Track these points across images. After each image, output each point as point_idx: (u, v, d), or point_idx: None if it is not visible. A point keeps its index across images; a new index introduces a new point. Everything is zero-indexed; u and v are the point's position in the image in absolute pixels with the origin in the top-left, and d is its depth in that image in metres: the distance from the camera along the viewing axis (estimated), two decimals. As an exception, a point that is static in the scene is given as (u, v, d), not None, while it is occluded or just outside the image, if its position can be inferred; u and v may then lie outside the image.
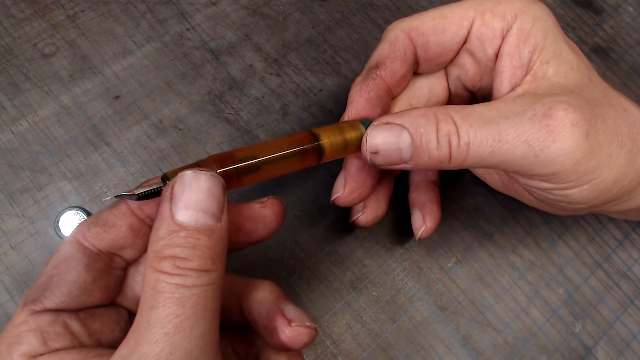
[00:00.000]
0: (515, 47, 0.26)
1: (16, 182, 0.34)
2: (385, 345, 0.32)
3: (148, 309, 0.19)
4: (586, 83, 0.26)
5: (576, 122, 0.23)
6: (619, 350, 0.33)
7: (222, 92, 0.37)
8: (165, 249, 0.19)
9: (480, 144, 0.23)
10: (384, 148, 0.24)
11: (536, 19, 0.26)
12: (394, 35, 0.28)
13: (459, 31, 0.28)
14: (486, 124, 0.23)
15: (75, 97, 0.36)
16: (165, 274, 0.19)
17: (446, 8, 0.28)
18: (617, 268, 0.35)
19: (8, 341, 0.21)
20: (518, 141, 0.23)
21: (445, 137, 0.23)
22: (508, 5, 0.27)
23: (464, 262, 0.34)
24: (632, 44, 0.42)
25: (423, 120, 0.24)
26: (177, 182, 0.20)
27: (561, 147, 0.23)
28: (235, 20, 0.40)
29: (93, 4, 0.39)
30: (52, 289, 0.22)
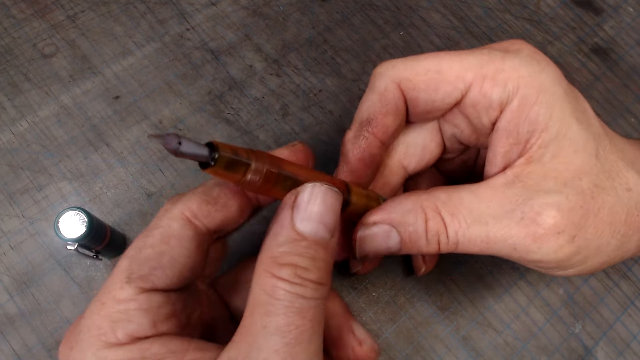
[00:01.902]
0: (513, 124, 0.24)
1: (16, 182, 0.34)
2: (385, 346, 0.32)
3: (263, 314, 0.19)
4: (589, 165, 0.24)
5: (563, 230, 0.23)
6: (619, 351, 0.33)
7: (222, 93, 0.37)
8: (285, 256, 0.19)
9: (468, 244, 0.23)
10: (372, 251, 0.25)
11: (542, 92, 0.23)
12: (383, 85, 0.26)
13: (452, 93, 0.25)
14: (475, 223, 0.23)
15: (75, 97, 0.36)
16: (285, 282, 0.19)
17: (444, 60, 0.25)
18: (617, 268, 0.35)
19: (111, 317, 0.20)
20: (505, 244, 0.23)
21: (435, 237, 0.24)
22: (512, 73, 0.24)
23: (464, 263, 0.34)
24: (632, 44, 0.42)
25: (411, 218, 0.24)
26: (302, 192, 0.21)
27: (545, 253, 0.23)
28: (235, 20, 0.40)
29: (93, 4, 0.39)
30: (165, 268, 0.21)
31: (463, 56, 0.24)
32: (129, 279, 0.20)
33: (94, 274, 0.32)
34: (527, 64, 0.24)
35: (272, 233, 0.20)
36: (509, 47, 0.25)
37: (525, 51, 0.25)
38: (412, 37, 0.40)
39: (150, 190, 0.34)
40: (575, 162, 0.23)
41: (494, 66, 0.24)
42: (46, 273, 0.32)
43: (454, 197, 0.24)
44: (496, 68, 0.24)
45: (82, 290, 0.32)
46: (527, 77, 0.24)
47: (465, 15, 0.42)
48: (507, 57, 0.24)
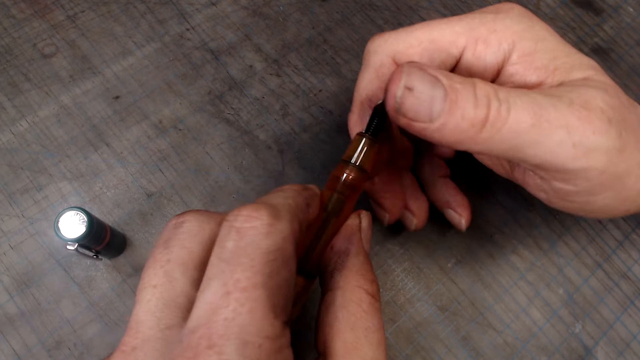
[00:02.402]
0: (519, 75, 0.23)
1: (16, 182, 0.34)
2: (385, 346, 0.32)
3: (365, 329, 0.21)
4: (610, 85, 0.23)
5: (612, 120, 0.22)
6: (619, 351, 0.33)
7: (222, 93, 0.37)
8: (369, 273, 0.22)
9: (521, 112, 0.20)
10: (419, 89, 0.20)
11: (539, 41, 0.23)
12: (379, 61, 0.25)
13: (447, 60, 0.24)
14: (524, 95, 0.21)
15: (75, 97, 0.36)
16: (375, 299, 0.22)
17: (435, 28, 0.24)
18: (617, 268, 0.35)
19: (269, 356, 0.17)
20: (558, 124, 0.21)
21: (485, 96, 0.20)
22: (505, 32, 0.24)
23: (463, 263, 0.34)
24: (632, 44, 0.42)
25: (458, 78, 0.21)
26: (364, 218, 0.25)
27: (600, 140, 0.21)
28: (235, 20, 0.40)
29: (93, 5, 0.39)
30: (289, 301, 0.19)
31: (454, 22, 0.24)
32: (276, 314, 0.17)
33: (94, 274, 0.32)
34: (518, 21, 0.24)
35: (353, 252, 0.23)
36: (500, 8, 0.25)
37: (516, 10, 0.25)
38: (412, 37, 0.40)
39: (150, 190, 0.34)
40: (600, 78, 0.23)
41: (485, 28, 0.24)
42: (46, 273, 0.32)
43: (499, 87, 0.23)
44: (487, 29, 0.24)
45: (82, 290, 0.32)
46: (522, 32, 0.23)
47: (465, 15, 0.42)
48: (499, 17, 0.24)
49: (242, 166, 0.35)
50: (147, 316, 0.18)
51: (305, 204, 0.21)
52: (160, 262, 0.19)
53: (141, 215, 0.34)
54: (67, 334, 0.31)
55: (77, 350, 0.31)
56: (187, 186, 0.35)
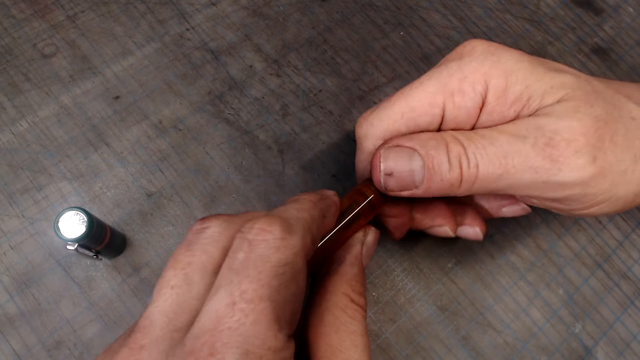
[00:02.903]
0: (497, 113, 0.24)
1: (16, 182, 0.34)
2: (385, 346, 0.32)
3: (350, 333, 0.22)
4: (594, 97, 0.24)
5: (580, 149, 0.22)
6: (619, 351, 0.33)
7: (222, 93, 0.37)
8: (358, 285, 0.23)
9: (488, 166, 0.23)
10: (398, 169, 0.24)
11: (509, 75, 0.24)
12: (370, 145, 0.26)
13: (432, 121, 0.25)
14: (491, 145, 0.23)
15: (75, 97, 0.36)
16: (361, 308, 0.23)
17: (410, 96, 0.25)
18: (617, 268, 0.35)
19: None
20: (524, 167, 0.23)
21: (456, 158, 0.23)
22: (474, 75, 0.24)
23: (463, 263, 0.34)
24: (632, 44, 0.42)
25: (433, 142, 0.24)
26: (370, 234, 0.25)
27: (568, 175, 0.23)
28: (235, 20, 0.40)
29: (93, 5, 0.39)
30: (296, 314, 0.19)
31: (425, 84, 0.25)
32: (280, 327, 0.17)
33: (94, 274, 0.32)
34: (483, 60, 0.24)
35: (348, 262, 0.24)
36: (462, 51, 0.26)
37: (478, 49, 0.25)
38: (412, 37, 0.40)
39: (150, 190, 0.34)
40: (580, 95, 0.23)
41: (455, 78, 0.24)
42: (46, 273, 0.32)
43: (468, 132, 0.25)
44: (458, 79, 0.24)
45: (82, 290, 0.32)
46: (490, 70, 0.24)
47: (465, 15, 0.42)
48: (464, 62, 0.24)
49: (242, 166, 0.35)
50: (160, 316, 0.18)
51: (321, 216, 0.22)
52: (182, 264, 0.19)
53: (141, 215, 0.34)
54: (67, 334, 0.31)
55: (77, 350, 0.31)
56: (187, 186, 0.35)
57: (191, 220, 0.34)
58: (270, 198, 0.35)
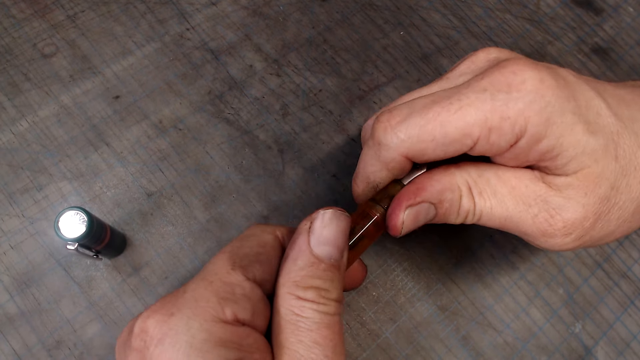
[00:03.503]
0: (522, 157, 0.24)
1: (16, 182, 0.34)
2: (385, 346, 0.32)
3: (295, 330, 0.21)
4: (609, 170, 0.24)
5: (571, 233, 0.25)
6: (619, 351, 0.33)
7: (222, 92, 0.37)
8: (307, 279, 0.22)
9: (488, 220, 0.26)
10: (414, 225, 0.26)
11: (549, 126, 0.23)
12: (390, 157, 0.25)
13: (460, 149, 0.24)
14: (497, 206, 0.25)
15: (75, 97, 0.36)
16: (312, 302, 0.22)
17: (448, 121, 0.23)
18: (617, 268, 0.35)
19: (219, 294, 0.21)
20: (518, 229, 0.26)
21: (465, 213, 0.26)
22: (518, 118, 0.23)
23: (463, 263, 0.34)
24: (632, 44, 0.42)
25: (449, 196, 0.25)
26: (316, 218, 0.23)
27: (550, 246, 0.26)
28: (235, 20, 0.40)
29: (93, 4, 0.39)
30: (262, 264, 0.23)
31: (465, 110, 0.23)
32: (233, 266, 0.22)
33: (94, 273, 0.32)
34: (531, 102, 0.23)
35: (291, 257, 0.23)
36: (512, 81, 0.23)
37: (528, 85, 0.23)
38: (412, 37, 0.40)
39: (150, 190, 0.34)
40: (597, 170, 0.24)
41: (498, 115, 0.23)
42: (46, 273, 0.32)
43: (483, 176, 0.26)
44: (501, 117, 0.23)
45: (82, 290, 0.32)
46: (534, 116, 0.23)
47: (465, 15, 0.42)
48: (511, 100, 0.23)
49: (242, 166, 0.35)
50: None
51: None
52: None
53: (141, 215, 0.34)
54: (67, 333, 0.31)
55: (77, 350, 0.31)
56: (187, 186, 0.35)
57: (191, 220, 0.34)
58: (270, 198, 0.35)
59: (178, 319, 0.20)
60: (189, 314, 0.20)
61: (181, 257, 0.33)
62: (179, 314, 0.20)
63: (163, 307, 0.21)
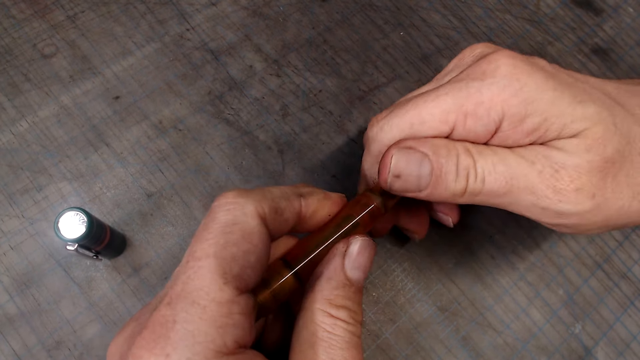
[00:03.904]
0: (511, 140, 0.24)
1: (16, 182, 0.34)
2: (385, 346, 0.32)
3: (327, 347, 0.21)
4: (611, 133, 0.24)
5: (581, 187, 0.23)
6: (619, 351, 0.33)
7: (222, 93, 0.37)
8: (339, 299, 0.22)
9: (494, 183, 0.24)
10: (406, 172, 0.24)
11: (529, 104, 0.23)
12: (377, 148, 0.27)
13: (439, 136, 0.25)
14: (501, 163, 0.24)
15: (75, 97, 0.36)
16: (343, 322, 0.22)
17: (424, 108, 0.25)
18: (617, 269, 0.35)
19: (217, 322, 0.19)
20: (527, 191, 0.24)
21: (464, 170, 0.24)
22: (493, 101, 0.24)
23: (463, 263, 0.34)
24: (632, 44, 0.42)
25: (444, 151, 0.24)
26: (353, 243, 0.24)
27: (566, 207, 0.24)
28: (235, 20, 0.40)
29: (93, 5, 0.39)
30: (253, 268, 0.20)
31: (441, 99, 0.24)
32: (225, 280, 0.19)
33: (94, 274, 0.32)
34: (505, 85, 0.24)
35: (325, 276, 0.23)
36: (486, 69, 0.24)
37: (502, 70, 0.24)
38: (412, 37, 0.40)
39: (150, 190, 0.34)
40: (598, 132, 0.24)
41: (472, 101, 0.24)
42: (46, 273, 0.32)
43: (480, 145, 0.25)
44: (475, 102, 0.24)
45: (82, 291, 0.32)
46: (510, 98, 0.23)
47: (465, 15, 0.42)
48: (484, 85, 0.24)
49: (242, 166, 0.35)
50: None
51: (296, 194, 0.24)
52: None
53: (141, 215, 0.34)
54: (67, 334, 0.31)
55: (77, 351, 0.31)
56: (187, 186, 0.35)
57: (191, 221, 0.34)
58: (270, 198, 0.35)
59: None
60: (187, 354, 0.18)
61: (181, 257, 0.33)
62: (176, 355, 0.18)
63: (156, 345, 0.18)
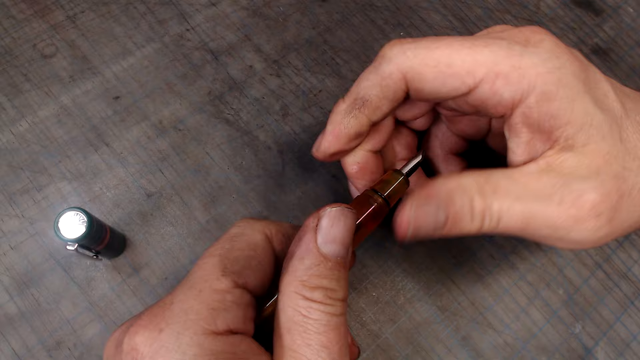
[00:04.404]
0: (533, 119, 0.23)
1: (16, 182, 0.34)
2: (385, 346, 0.32)
3: (302, 332, 0.21)
4: (617, 150, 0.24)
5: (602, 212, 0.23)
6: (619, 351, 0.33)
7: (222, 93, 0.37)
8: (313, 278, 0.21)
9: (509, 222, 0.23)
10: (422, 229, 0.24)
11: (561, 87, 0.23)
12: (388, 70, 0.25)
13: (460, 87, 0.24)
14: (516, 201, 0.23)
15: (75, 97, 0.36)
16: (318, 303, 0.21)
17: (456, 52, 0.23)
18: (617, 269, 0.35)
19: (210, 304, 0.20)
20: (544, 225, 0.23)
21: (479, 215, 0.23)
22: (529, 70, 0.23)
23: (463, 263, 0.34)
24: (632, 44, 0.42)
25: (459, 197, 0.23)
26: (323, 216, 0.22)
27: (584, 235, 0.23)
28: (235, 21, 0.40)
29: (93, 5, 0.39)
30: (254, 271, 0.22)
31: (478, 48, 0.23)
32: (224, 272, 0.21)
33: (94, 274, 0.32)
34: (546, 59, 0.23)
35: (297, 256, 0.22)
36: (530, 37, 0.24)
37: (546, 44, 0.24)
38: (412, 37, 0.40)
39: (150, 190, 0.34)
40: (605, 148, 0.23)
41: (510, 62, 0.23)
42: (46, 273, 0.32)
43: (491, 178, 0.24)
44: (512, 65, 0.23)
45: (82, 291, 0.32)
46: (546, 74, 0.23)
47: (465, 15, 0.42)
48: (526, 52, 0.23)
49: (242, 166, 0.35)
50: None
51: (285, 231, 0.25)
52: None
53: (141, 215, 0.34)
54: (67, 334, 0.31)
55: (77, 350, 0.31)
56: (187, 186, 0.35)
57: (191, 221, 0.34)
58: (270, 198, 0.35)
59: (168, 334, 0.19)
60: (178, 328, 0.19)
61: (181, 257, 0.33)
62: (168, 330, 0.19)
63: (151, 322, 0.20)
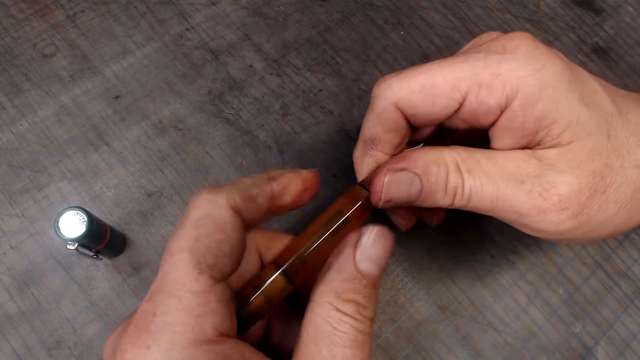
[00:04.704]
0: (517, 123, 0.24)
1: (16, 182, 0.34)
2: (385, 346, 0.32)
3: (329, 344, 0.21)
4: (602, 146, 0.24)
5: (567, 207, 0.23)
6: (619, 351, 0.33)
7: (222, 92, 0.37)
8: (348, 292, 0.22)
9: (479, 202, 0.24)
10: (396, 197, 0.25)
11: (544, 89, 0.23)
12: (381, 106, 0.26)
13: (449, 104, 0.24)
14: (488, 183, 0.24)
15: (75, 97, 0.36)
16: (349, 317, 0.21)
17: (437, 72, 0.24)
18: (617, 268, 0.35)
19: (194, 311, 0.19)
20: (510, 209, 0.24)
21: (452, 189, 0.24)
22: (509, 75, 0.23)
23: (463, 263, 0.34)
24: (632, 44, 0.42)
25: (435, 169, 0.24)
26: (366, 233, 0.23)
27: (546, 226, 0.24)
28: (235, 20, 0.40)
29: (93, 4, 0.39)
30: (228, 257, 0.21)
31: (457, 65, 0.24)
32: (200, 270, 0.19)
33: (94, 273, 0.32)
34: (525, 63, 0.23)
35: (334, 268, 0.22)
36: (507, 45, 0.24)
37: (523, 48, 0.24)
38: (412, 37, 0.40)
39: (150, 190, 0.34)
40: (589, 144, 0.24)
41: (489, 71, 0.23)
42: (46, 273, 0.32)
43: (473, 156, 0.24)
44: (492, 73, 0.23)
45: (82, 290, 0.32)
46: (527, 77, 0.23)
47: (465, 15, 0.42)
48: (504, 59, 0.24)
49: (242, 166, 0.35)
50: None
51: (266, 179, 0.23)
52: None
53: (141, 215, 0.34)
54: (67, 333, 0.31)
55: (77, 350, 0.31)
56: (187, 186, 0.35)
57: (191, 220, 0.34)
58: (270, 198, 0.35)
59: (156, 352, 0.19)
60: (167, 345, 0.19)
61: (181, 257, 0.33)
62: (156, 346, 0.19)
63: (138, 338, 0.19)
